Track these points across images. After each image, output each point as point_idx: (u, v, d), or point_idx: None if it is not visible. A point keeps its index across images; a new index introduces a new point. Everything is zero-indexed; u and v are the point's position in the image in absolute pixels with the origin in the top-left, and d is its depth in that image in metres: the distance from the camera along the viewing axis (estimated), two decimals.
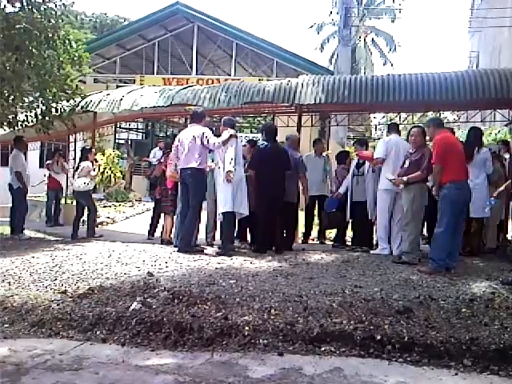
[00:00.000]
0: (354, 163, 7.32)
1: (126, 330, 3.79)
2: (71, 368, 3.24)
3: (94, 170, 8.69)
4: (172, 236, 7.15)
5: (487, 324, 3.71)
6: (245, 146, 7.23)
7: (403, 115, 9.45)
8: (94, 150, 9.22)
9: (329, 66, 32.91)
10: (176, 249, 6.37)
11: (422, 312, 3.93)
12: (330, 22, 33.94)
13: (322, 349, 3.54)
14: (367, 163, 6.97)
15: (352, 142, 20.12)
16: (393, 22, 33.01)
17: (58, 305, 4.15)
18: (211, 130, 6.60)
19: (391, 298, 4.21)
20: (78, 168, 8.54)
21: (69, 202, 11.15)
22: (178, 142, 6.51)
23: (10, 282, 4.80)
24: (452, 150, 5.32)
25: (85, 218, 8.74)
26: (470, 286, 4.75)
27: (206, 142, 6.20)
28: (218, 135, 6.35)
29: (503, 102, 7.34)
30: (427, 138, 5.82)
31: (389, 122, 7.22)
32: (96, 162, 9.23)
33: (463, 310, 3.95)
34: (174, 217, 7.01)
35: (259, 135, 16.49)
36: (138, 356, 3.47)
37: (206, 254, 6.18)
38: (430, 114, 9.11)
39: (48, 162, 11.15)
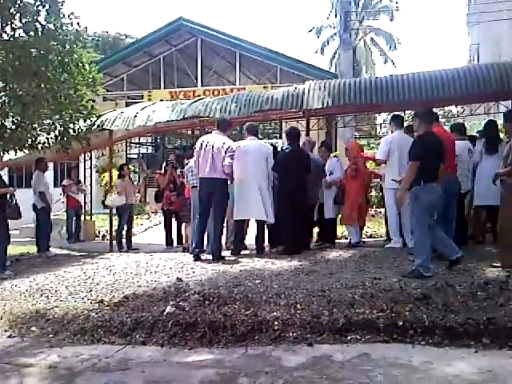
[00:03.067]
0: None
1: (164, 332, 4.06)
2: (119, 368, 3.52)
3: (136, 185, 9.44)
4: None
5: (502, 304, 3.93)
6: None
7: (409, 112, 9.70)
8: (128, 165, 9.78)
9: (330, 67, 33.18)
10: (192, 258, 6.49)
11: (439, 298, 4.15)
12: (329, 24, 34.30)
13: (349, 337, 3.79)
14: (327, 165, 7.35)
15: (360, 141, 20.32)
16: (391, 20, 33.20)
17: (96, 313, 4.44)
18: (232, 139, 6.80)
19: (410, 287, 4.43)
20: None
21: (88, 218, 11.53)
22: (200, 147, 6.54)
23: (48, 296, 5.10)
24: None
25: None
26: (485, 271, 4.97)
27: (227, 156, 6.37)
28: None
29: (505, 94, 7.54)
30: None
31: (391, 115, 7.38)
32: (130, 179, 9.64)
33: (479, 293, 4.17)
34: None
35: (269, 140, 16.79)
36: (178, 355, 3.74)
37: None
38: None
39: (64, 183, 11.42)
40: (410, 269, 5.23)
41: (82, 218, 11.50)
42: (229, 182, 6.57)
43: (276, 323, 3.95)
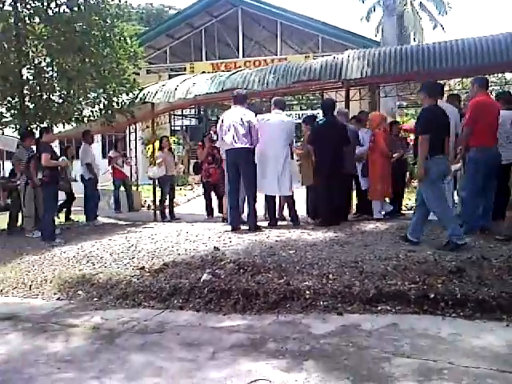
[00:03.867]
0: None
1: (200, 298, 4.24)
2: (156, 331, 3.72)
3: (175, 157, 9.51)
4: None
5: None
6: (305, 125, 7.46)
7: (453, 82, 9.39)
8: (167, 138, 10.04)
9: (376, 34, 32.11)
10: (230, 227, 6.61)
11: (474, 271, 4.12)
12: None
13: (379, 308, 3.84)
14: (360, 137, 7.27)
15: (405, 112, 19.71)
16: None
17: (138, 279, 4.67)
18: (254, 111, 6.87)
19: (444, 260, 4.41)
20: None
21: (134, 189, 11.91)
22: (221, 124, 6.66)
23: (93, 263, 5.39)
24: (484, 116, 5.37)
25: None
26: None
27: (252, 126, 6.46)
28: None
29: None
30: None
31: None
32: (170, 151, 9.87)
33: None
34: None
35: (309, 111, 16.65)
36: (212, 319, 3.91)
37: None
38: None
39: (110, 154, 11.73)
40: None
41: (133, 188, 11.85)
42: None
43: (307, 292, 4.04)
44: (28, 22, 7.86)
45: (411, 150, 7.53)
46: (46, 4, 7.68)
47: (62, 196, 8.60)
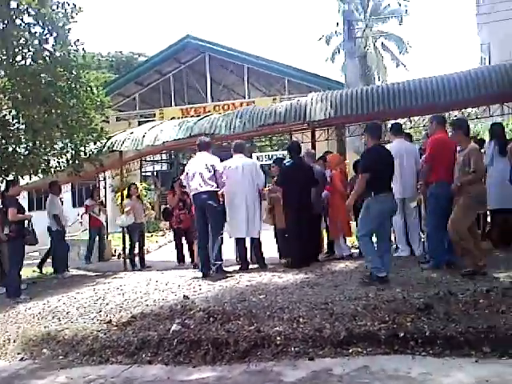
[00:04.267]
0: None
1: (169, 350, 4.14)
2: None
3: (143, 204, 9.47)
4: None
5: (504, 312, 3.91)
6: (273, 167, 7.58)
7: (417, 118, 9.72)
8: (136, 185, 9.99)
9: (341, 75, 33.18)
10: (201, 274, 6.56)
11: (441, 307, 4.15)
12: (339, 32, 34.32)
13: (350, 350, 3.81)
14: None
15: None
16: (400, 24, 33.17)
17: (104, 334, 4.54)
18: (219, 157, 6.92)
19: (412, 297, 4.43)
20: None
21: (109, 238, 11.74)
22: (187, 171, 6.76)
23: (59, 318, 5.22)
24: (443, 152, 5.56)
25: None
26: (488, 278, 4.93)
27: (214, 173, 6.52)
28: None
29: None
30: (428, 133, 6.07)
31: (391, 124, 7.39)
32: (138, 198, 9.82)
33: (481, 301, 4.15)
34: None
35: (279, 152, 16.88)
36: (182, 373, 3.82)
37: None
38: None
39: (86, 202, 11.52)
40: (415, 277, 5.27)
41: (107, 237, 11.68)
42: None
43: (278, 338, 4.00)
44: None
45: None
46: (11, 58, 7.71)
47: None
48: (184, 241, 8.82)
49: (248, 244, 7.09)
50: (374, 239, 5.44)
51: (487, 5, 18.86)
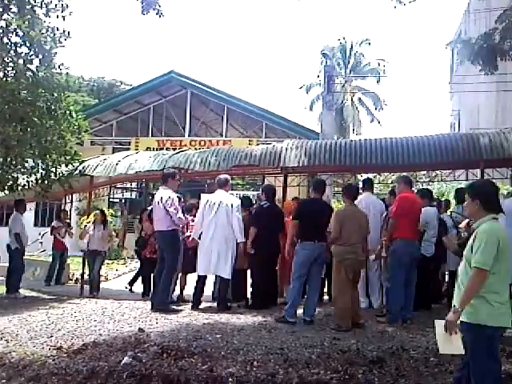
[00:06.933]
0: None
1: (118, 383, 4.04)
2: None
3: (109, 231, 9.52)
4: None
5: (452, 371, 4.00)
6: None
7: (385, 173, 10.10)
8: (103, 212, 9.92)
9: (318, 123, 34.08)
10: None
11: (393, 361, 4.23)
12: (319, 83, 35.50)
13: None
14: None
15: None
16: (378, 83, 34.54)
17: (53, 360, 4.41)
18: (180, 193, 6.99)
19: (366, 349, 4.51)
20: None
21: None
22: (154, 204, 6.79)
23: (7, 340, 5.05)
24: (408, 211, 5.79)
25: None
26: None
27: (169, 208, 6.43)
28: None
29: (473, 162, 7.86)
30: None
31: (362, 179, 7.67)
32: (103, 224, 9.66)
33: (431, 358, 4.26)
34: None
35: (250, 192, 17.03)
36: None
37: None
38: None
39: (53, 224, 11.27)
40: (371, 330, 5.37)
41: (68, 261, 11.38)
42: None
43: (230, 380, 3.97)
44: None
45: None
46: None
47: None
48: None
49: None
50: None
51: (459, 75, 19.88)
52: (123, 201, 19.37)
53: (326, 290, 7.36)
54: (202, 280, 6.78)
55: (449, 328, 3.04)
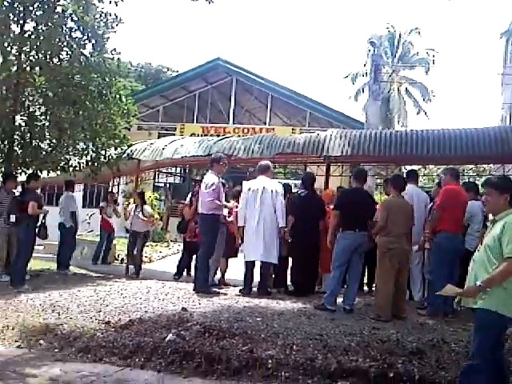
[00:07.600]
0: None
1: (162, 358, 4.22)
2: None
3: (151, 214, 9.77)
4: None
5: None
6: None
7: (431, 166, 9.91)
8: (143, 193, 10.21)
9: (362, 114, 33.53)
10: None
11: (433, 353, 4.21)
12: (365, 72, 34.82)
13: (339, 383, 3.87)
14: None
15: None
16: (427, 73, 33.57)
17: (102, 334, 4.65)
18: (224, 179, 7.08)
19: (406, 340, 4.50)
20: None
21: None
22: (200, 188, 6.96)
23: (59, 313, 5.35)
24: (453, 203, 5.67)
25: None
26: None
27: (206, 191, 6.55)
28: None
29: None
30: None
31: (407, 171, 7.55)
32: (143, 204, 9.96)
33: None
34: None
35: (291, 181, 17.04)
36: (172, 382, 3.91)
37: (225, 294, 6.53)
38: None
39: (102, 204, 11.69)
40: (411, 321, 5.34)
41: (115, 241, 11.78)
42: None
43: (270, 362, 4.07)
44: (29, 71, 8.17)
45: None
46: (48, 58, 8.03)
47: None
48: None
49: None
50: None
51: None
52: (167, 185, 19.79)
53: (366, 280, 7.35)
54: (250, 266, 6.78)
55: (462, 293, 3.28)
